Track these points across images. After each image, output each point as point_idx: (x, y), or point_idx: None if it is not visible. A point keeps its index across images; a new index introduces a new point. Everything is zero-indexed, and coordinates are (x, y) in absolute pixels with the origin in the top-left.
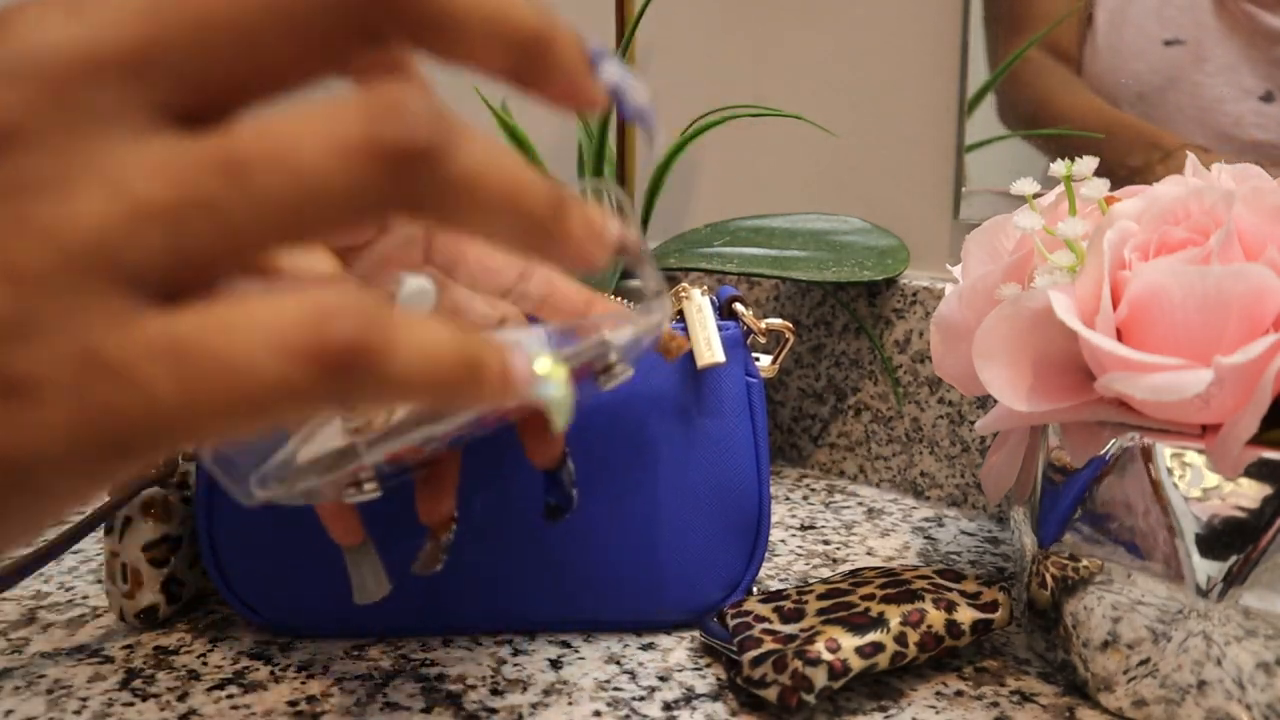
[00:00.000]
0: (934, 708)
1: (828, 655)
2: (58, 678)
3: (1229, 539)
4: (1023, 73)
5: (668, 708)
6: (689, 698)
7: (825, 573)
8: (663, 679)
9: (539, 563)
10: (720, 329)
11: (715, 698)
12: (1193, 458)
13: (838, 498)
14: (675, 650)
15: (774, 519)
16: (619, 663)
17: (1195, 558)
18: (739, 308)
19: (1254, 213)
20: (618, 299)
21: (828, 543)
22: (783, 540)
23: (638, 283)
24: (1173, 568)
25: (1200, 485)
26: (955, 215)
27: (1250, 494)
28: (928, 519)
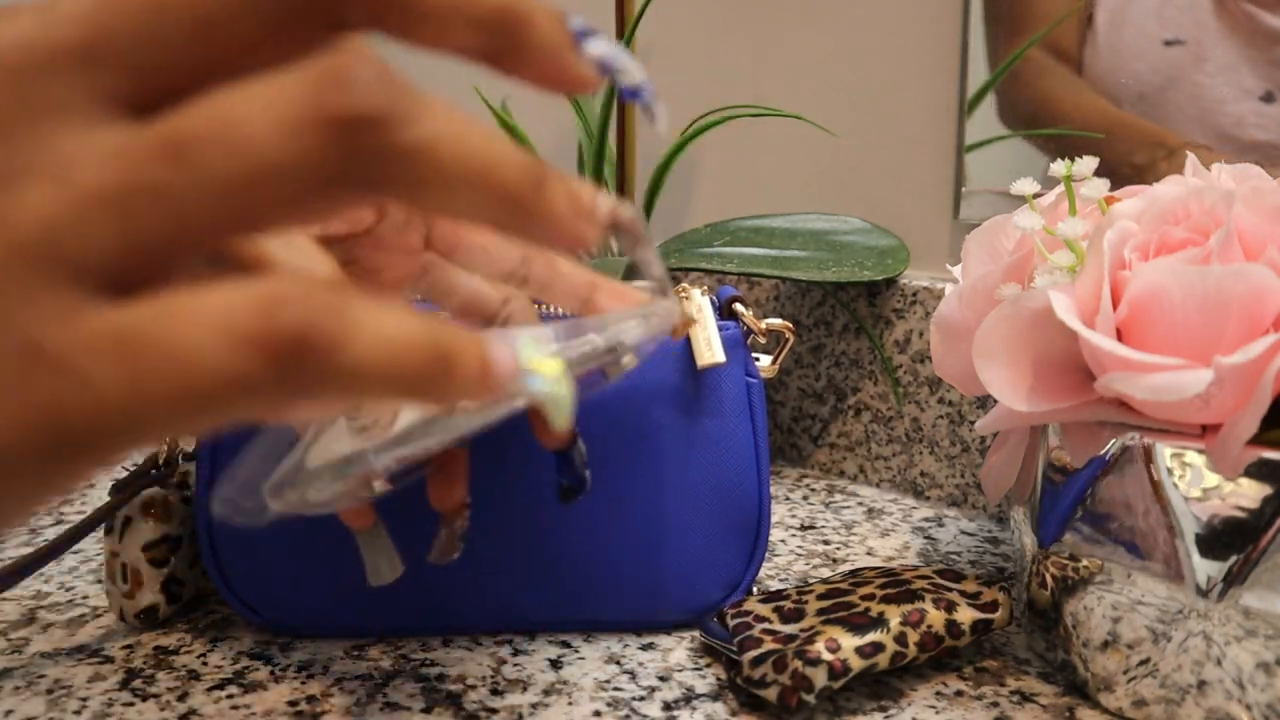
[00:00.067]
0: (934, 708)
1: (828, 655)
2: (58, 678)
3: (1229, 539)
4: (1023, 72)
5: (668, 708)
6: (689, 698)
7: (825, 573)
8: (663, 679)
9: (539, 563)
10: (720, 329)
11: (715, 698)
12: (1193, 458)
13: (838, 498)
14: (675, 650)
15: (774, 519)
16: (619, 663)
17: (1195, 558)
18: (739, 308)
19: (1254, 213)
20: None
21: (828, 543)
22: (783, 540)
23: (645, 283)
24: (1173, 568)
25: (1200, 485)
26: (955, 215)
27: (1250, 494)
28: (928, 519)
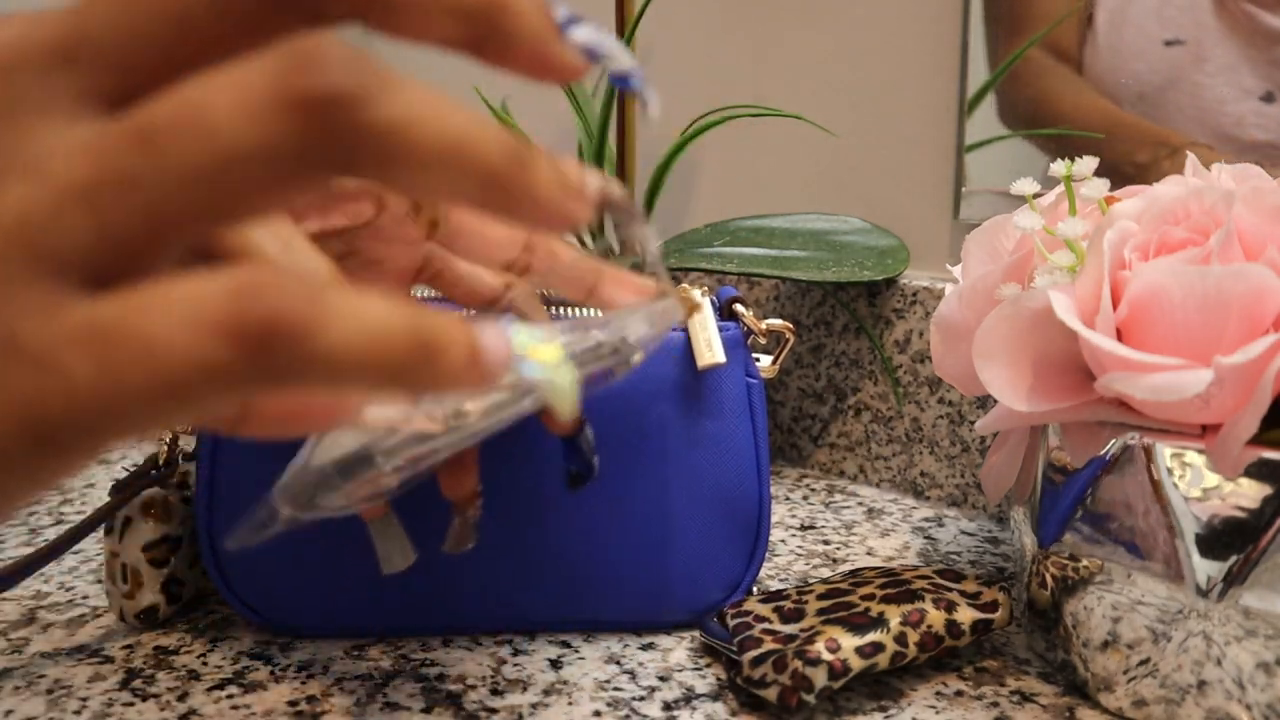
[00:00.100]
0: (934, 708)
1: (828, 655)
2: (58, 678)
3: (1229, 539)
4: (1023, 72)
5: (668, 708)
6: (689, 698)
7: (825, 573)
8: (663, 679)
9: (539, 563)
10: (720, 329)
11: (715, 698)
12: (1193, 458)
13: (838, 498)
14: (675, 650)
15: (774, 519)
16: (619, 663)
17: (1195, 558)
18: (739, 308)
19: (1254, 213)
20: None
21: (828, 543)
22: (783, 540)
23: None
24: (1173, 568)
25: (1200, 485)
26: (955, 215)
27: (1250, 494)
28: (928, 519)
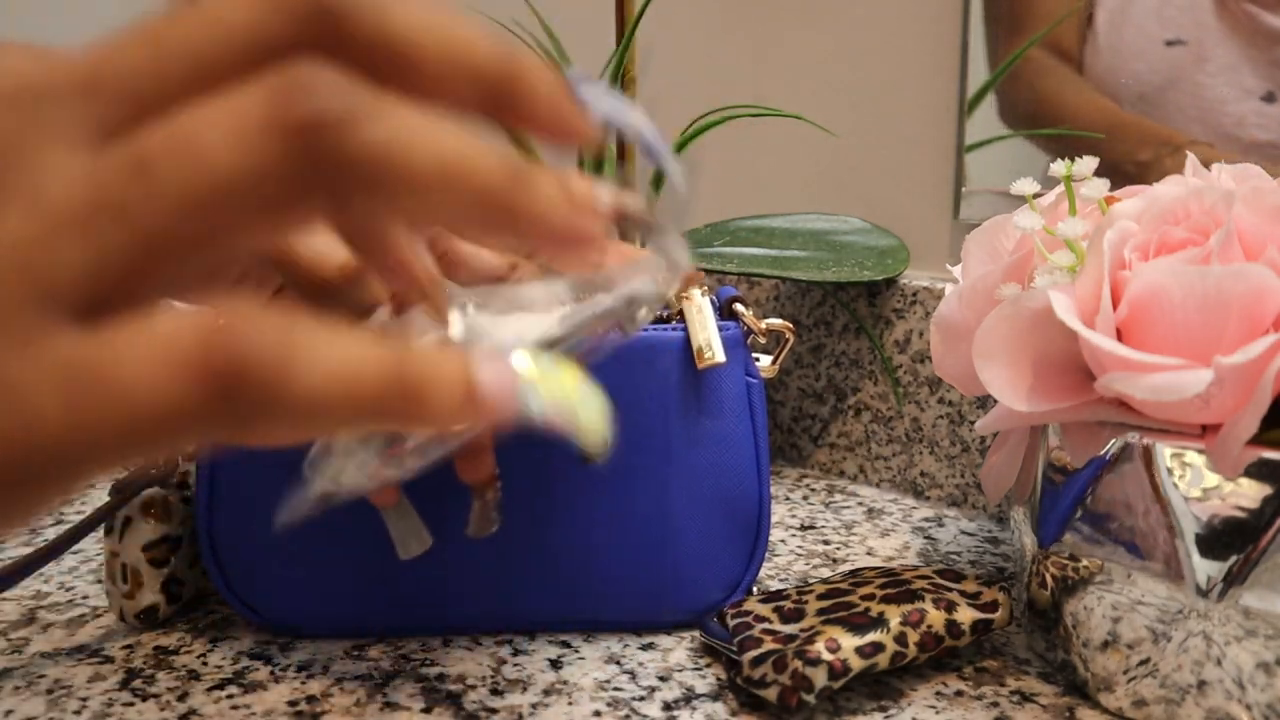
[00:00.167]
0: (934, 708)
1: (828, 655)
2: (58, 678)
3: (1229, 539)
4: (1024, 72)
5: (668, 708)
6: (689, 698)
7: (825, 573)
8: (663, 679)
9: (539, 563)
10: (720, 329)
11: (715, 698)
12: (1193, 458)
13: (838, 498)
14: (675, 650)
15: (774, 519)
16: (619, 663)
17: (1195, 558)
18: (739, 308)
19: (1254, 213)
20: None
21: (828, 543)
22: (783, 540)
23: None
24: (1173, 568)
25: (1200, 485)
26: (955, 215)
27: (1250, 494)
28: (928, 519)
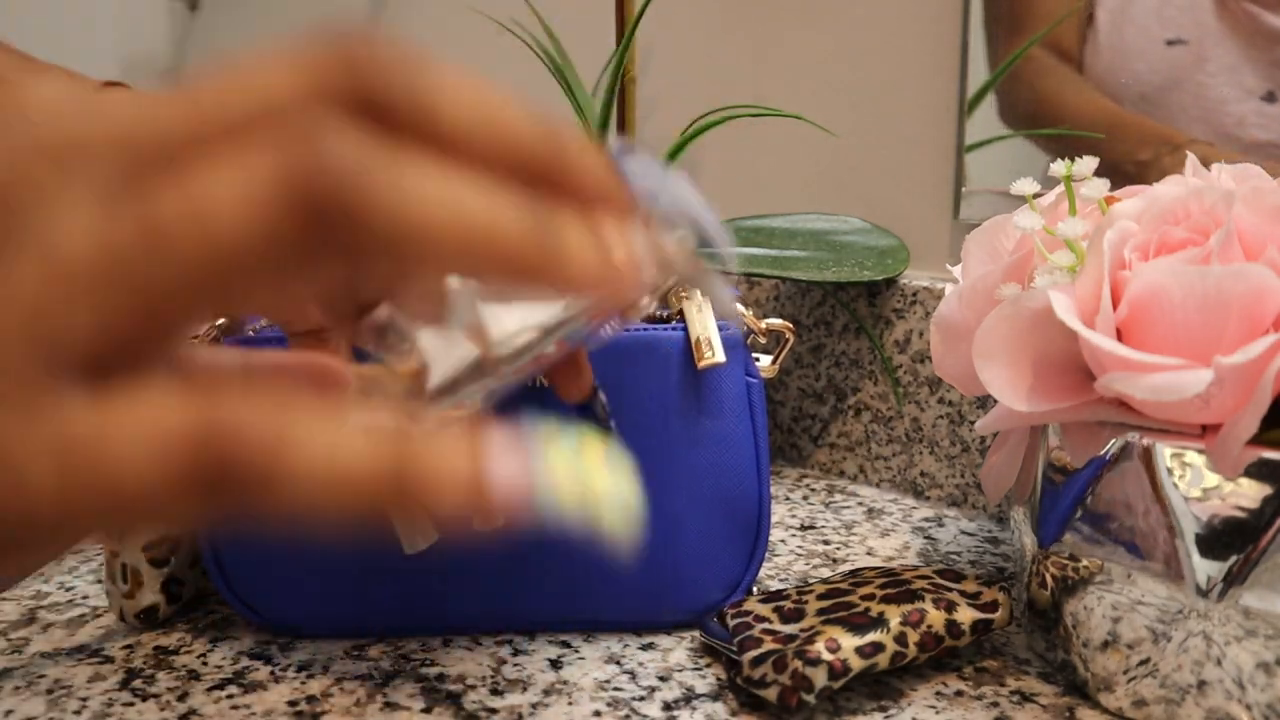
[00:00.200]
0: (934, 708)
1: (828, 655)
2: (58, 678)
3: (1229, 539)
4: (1024, 72)
5: (668, 708)
6: (689, 698)
7: (825, 573)
8: (663, 679)
9: (539, 562)
10: (720, 329)
11: (715, 698)
12: (1193, 458)
13: (838, 498)
14: (675, 650)
15: (774, 519)
16: (619, 663)
17: (1195, 558)
18: (739, 308)
19: (1254, 213)
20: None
21: (828, 543)
22: (783, 540)
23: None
24: (1173, 568)
25: (1200, 485)
26: (955, 215)
27: (1250, 494)
28: (928, 519)
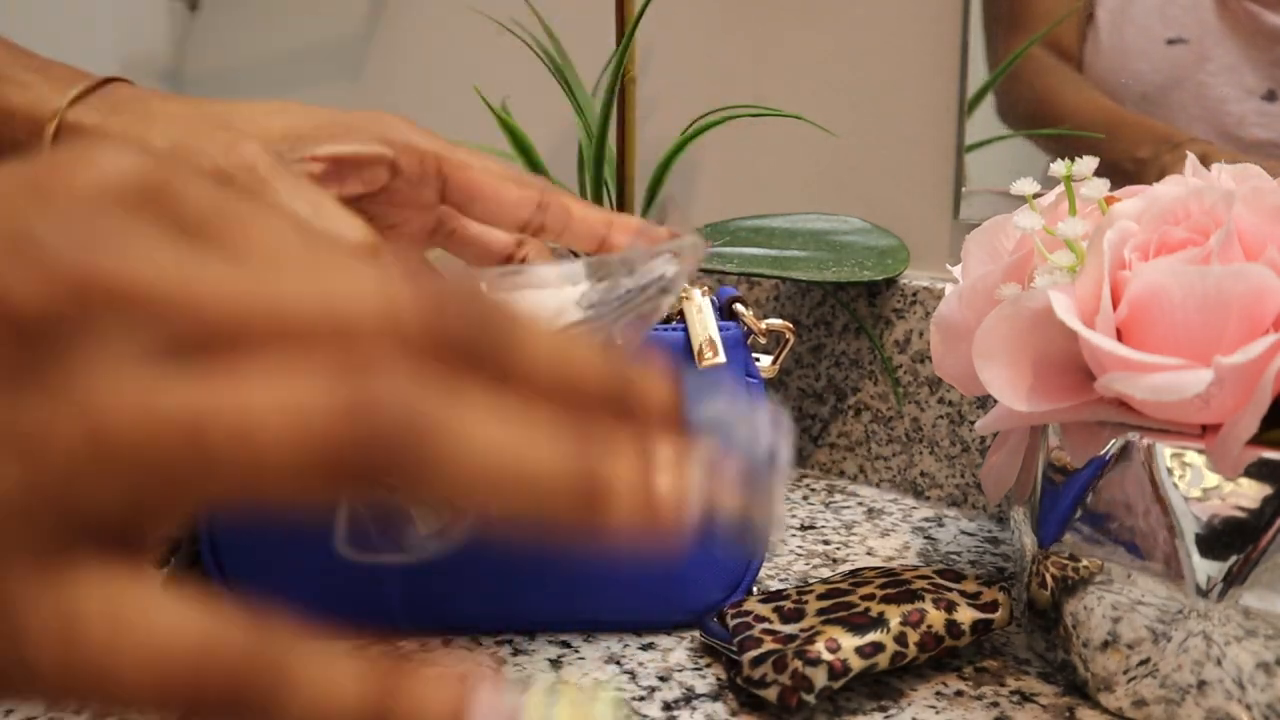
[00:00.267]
0: (934, 708)
1: (828, 655)
2: None
3: (1229, 539)
4: (1024, 71)
5: (668, 708)
6: (689, 698)
7: (825, 573)
8: (663, 679)
9: (539, 563)
10: (720, 329)
11: (715, 698)
12: (1193, 458)
13: (838, 498)
14: (675, 650)
15: None
16: (619, 663)
17: (1195, 558)
18: (739, 308)
19: (1254, 213)
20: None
21: (828, 543)
22: (783, 540)
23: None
24: (1173, 568)
25: (1200, 485)
26: (955, 215)
27: (1250, 494)
28: (928, 519)
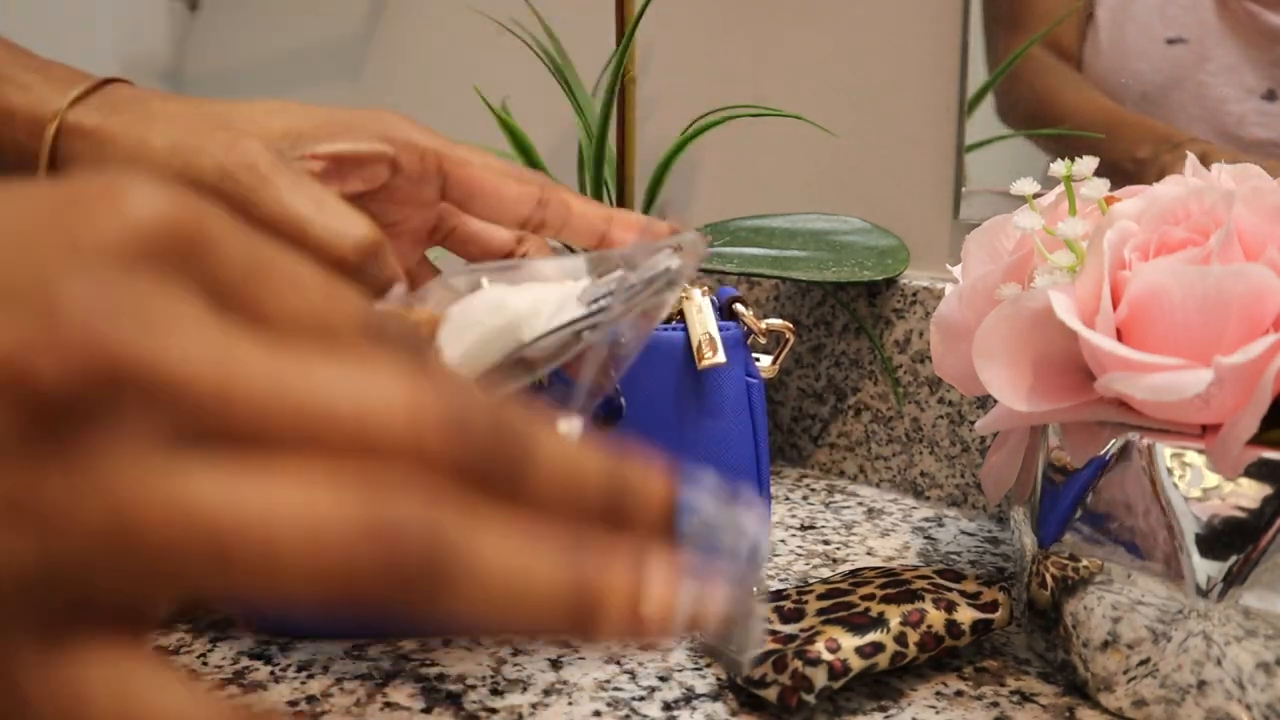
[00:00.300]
0: (934, 708)
1: (828, 655)
2: None
3: (1229, 539)
4: (1024, 71)
5: (668, 708)
6: (689, 698)
7: (825, 573)
8: (663, 679)
9: None
10: (720, 329)
11: (715, 698)
12: (1193, 458)
13: (838, 498)
14: (675, 650)
15: (774, 519)
16: (619, 662)
17: (1195, 558)
18: (739, 308)
19: (1254, 213)
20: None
21: (828, 543)
22: (783, 540)
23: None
24: (1173, 568)
25: (1200, 485)
26: (955, 215)
27: (1250, 494)
28: (928, 519)
